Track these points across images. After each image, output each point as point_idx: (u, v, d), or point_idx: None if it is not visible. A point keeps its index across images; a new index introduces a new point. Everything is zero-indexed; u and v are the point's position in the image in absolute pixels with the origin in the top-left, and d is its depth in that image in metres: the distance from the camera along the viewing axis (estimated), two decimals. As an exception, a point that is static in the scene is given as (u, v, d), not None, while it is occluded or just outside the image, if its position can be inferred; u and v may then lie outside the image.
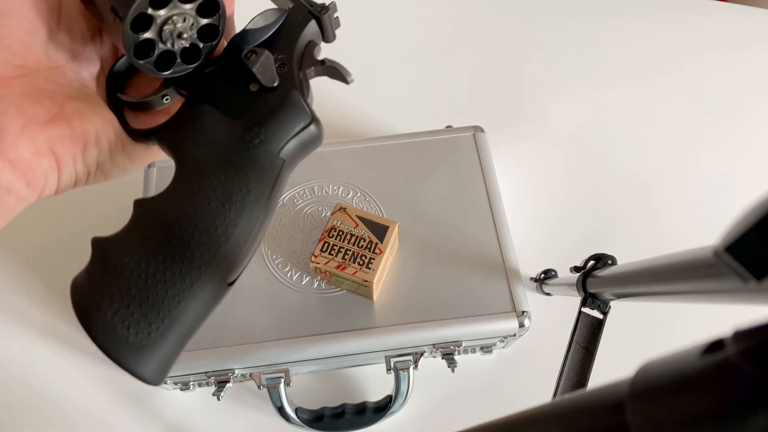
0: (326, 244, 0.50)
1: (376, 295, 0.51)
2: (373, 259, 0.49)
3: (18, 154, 0.23)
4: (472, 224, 0.55)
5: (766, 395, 0.13)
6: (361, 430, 0.52)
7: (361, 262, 0.49)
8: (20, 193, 0.24)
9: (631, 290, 0.38)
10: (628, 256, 0.41)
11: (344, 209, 0.51)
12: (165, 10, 0.24)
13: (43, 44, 0.25)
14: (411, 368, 0.52)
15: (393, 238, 0.50)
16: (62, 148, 0.25)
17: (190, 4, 0.25)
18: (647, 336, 0.56)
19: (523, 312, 0.51)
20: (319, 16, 0.28)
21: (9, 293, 0.61)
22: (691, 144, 0.70)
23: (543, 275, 0.57)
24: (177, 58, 0.26)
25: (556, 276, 0.56)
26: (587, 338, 0.43)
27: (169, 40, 0.25)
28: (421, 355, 0.52)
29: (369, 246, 0.50)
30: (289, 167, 0.27)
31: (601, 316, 0.43)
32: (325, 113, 0.29)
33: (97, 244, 0.25)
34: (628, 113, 0.72)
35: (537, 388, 0.42)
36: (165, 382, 0.52)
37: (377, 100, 0.72)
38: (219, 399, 0.51)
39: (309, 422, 0.52)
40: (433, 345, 0.52)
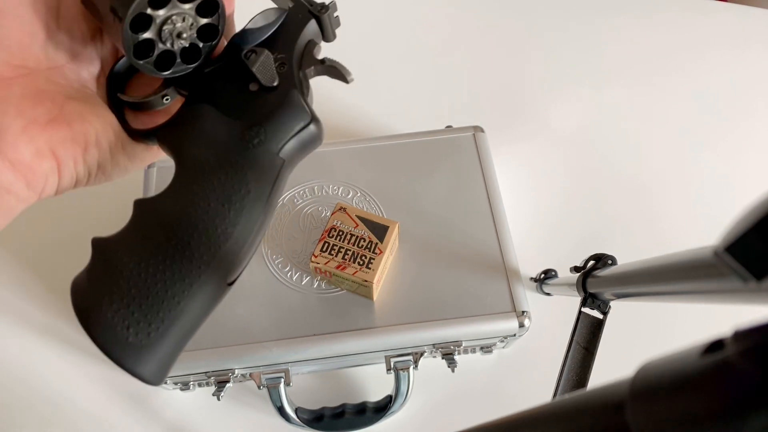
0: (326, 244, 0.50)
1: (376, 295, 0.51)
2: (373, 259, 0.49)
3: (18, 155, 0.23)
4: (472, 224, 0.55)
5: (766, 395, 0.13)
6: (361, 430, 0.52)
7: (361, 262, 0.49)
8: (20, 193, 0.24)
9: (631, 290, 0.38)
10: (628, 256, 0.41)
11: (344, 209, 0.51)
12: (164, 10, 0.24)
13: (43, 44, 0.25)
14: (411, 368, 0.52)
15: (393, 238, 0.50)
16: (63, 150, 0.25)
17: (190, 4, 0.25)
18: (647, 336, 0.56)
19: (523, 312, 0.51)
20: (319, 15, 0.28)
21: (9, 293, 0.61)
22: (691, 144, 0.70)
23: (543, 275, 0.57)
24: (177, 58, 0.26)
25: (556, 276, 0.56)
26: (587, 338, 0.43)
27: (168, 40, 0.25)
28: (421, 355, 0.52)
29: (369, 246, 0.50)
30: (289, 167, 0.27)
31: (601, 316, 0.43)
32: (325, 113, 0.29)
33: (98, 244, 0.25)
34: (628, 113, 0.72)
35: (537, 388, 0.42)
36: (165, 382, 0.52)
37: (377, 100, 0.72)
38: (219, 399, 0.51)
39: (309, 422, 0.52)
40: (433, 345, 0.52)
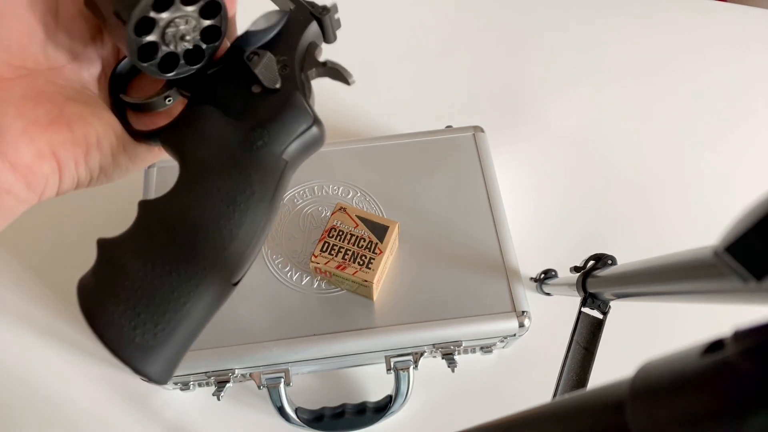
0: (326, 244, 0.50)
1: (376, 295, 0.51)
2: (373, 259, 0.49)
3: (19, 156, 0.23)
4: (472, 224, 0.55)
5: (766, 395, 0.13)
6: (361, 430, 0.52)
7: (361, 262, 0.49)
8: (20, 195, 0.24)
9: (631, 290, 0.38)
10: (628, 256, 0.41)
11: (344, 209, 0.51)
12: (168, 12, 0.24)
13: (42, 45, 0.25)
14: (411, 368, 0.52)
15: (393, 238, 0.50)
16: (63, 152, 0.25)
17: (193, 6, 0.25)
18: (647, 336, 0.56)
19: (523, 312, 0.51)
20: (321, 17, 0.28)
21: (10, 294, 0.61)
22: (691, 144, 0.70)
23: (543, 275, 0.57)
24: (180, 59, 0.26)
25: (556, 276, 0.56)
26: (587, 338, 0.43)
27: (172, 43, 0.25)
28: (421, 355, 0.52)
29: (369, 246, 0.50)
30: (292, 168, 0.27)
31: (601, 316, 0.43)
32: (326, 113, 0.29)
33: (103, 245, 0.25)
34: (628, 113, 0.72)
35: (537, 388, 0.42)
36: (165, 382, 0.52)
37: (377, 100, 0.72)
38: (219, 399, 0.51)
39: (309, 422, 0.52)
40: (433, 345, 0.52)
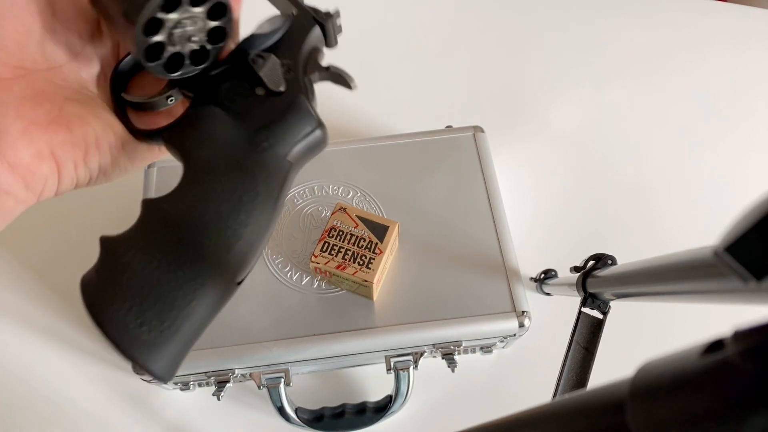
0: (326, 244, 0.50)
1: (376, 295, 0.51)
2: (373, 259, 0.49)
3: (18, 157, 0.23)
4: (472, 224, 0.55)
5: (766, 395, 0.13)
6: (361, 430, 0.52)
7: (361, 262, 0.49)
8: (19, 195, 0.24)
9: (631, 290, 0.38)
10: (628, 256, 0.41)
11: (344, 209, 0.51)
12: (176, 13, 0.25)
13: (40, 44, 0.25)
14: (411, 368, 0.52)
15: (393, 238, 0.50)
16: (62, 153, 0.25)
17: (200, 8, 0.25)
18: (647, 336, 0.56)
19: (523, 312, 0.51)
20: (324, 22, 0.28)
21: (10, 294, 0.61)
22: (691, 144, 0.70)
23: (543, 275, 0.57)
24: (186, 59, 0.26)
25: (556, 276, 0.56)
26: (587, 338, 0.43)
27: (179, 43, 0.26)
28: (421, 355, 0.52)
29: (369, 246, 0.50)
30: (295, 169, 0.27)
31: (601, 316, 0.43)
32: (326, 113, 0.29)
33: (107, 242, 0.25)
34: (628, 113, 0.72)
35: (537, 388, 0.42)
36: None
37: (377, 100, 0.72)
38: (219, 399, 0.51)
39: (309, 422, 0.52)
40: (433, 345, 0.52)
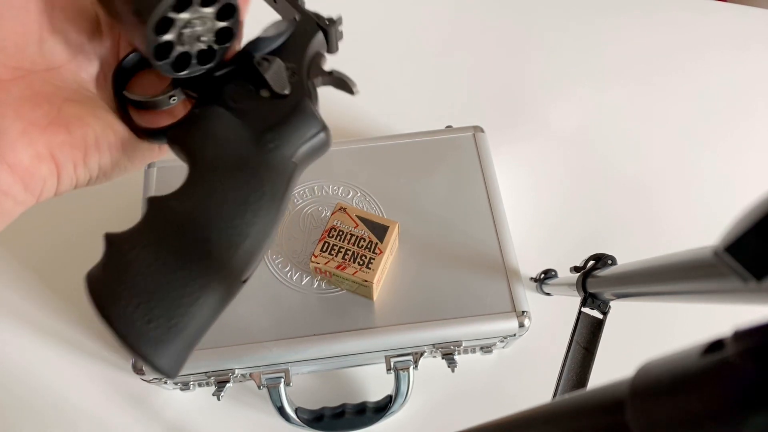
0: (326, 244, 0.50)
1: (376, 295, 0.51)
2: (373, 259, 0.49)
3: (17, 159, 0.23)
4: (472, 224, 0.55)
5: (766, 395, 0.13)
6: (361, 430, 0.52)
7: (361, 262, 0.49)
8: (18, 196, 0.24)
9: (631, 290, 0.38)
10: (628, 256, 0.41)
11: (344, 209, 0.51)
12: (186, 13, 0.25)
13: (38, 45, 0.25)
14: (411, 368, 0.52)
15: (393, 238, 0.50)
16: (62, 154, 0.25)
17: (210, 8, 0.26)
18: (647, 336, 0.56)
19: (523, 312, 0.51)
20: (327, 28, 0.29)
21: (10, 294, 0.61)
22: (691, 144, 0.70)
23: (543, 275, 0.57)
24: (193, 59, 0.27)
25: (556, 276, 0.56)
26: (587, 338, 0.43)
27: (188, 43, 0.26)
28: (421, 355, 0.52)
29: (369, 246, 0.50)
30: (300, 170, 0.28)
31: (601, 316, 0.43)
32: (325, 113, 0.29)
33: (112, 240, 0.25)
34: (628, 113, 0.72)
35: (537, 388, 0.42)
36: (165, 382, 0.52)
37: (377, 100, 0.72)
38: (219, 399, 0.51)
39: (309, 422, 0.52)
40: (433, 345, 0.52)
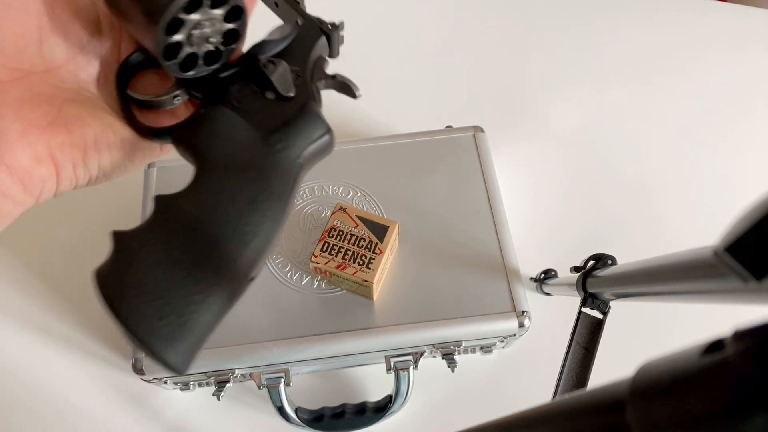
0: (326, 244, 0.50)
1: (376, 295, 0.51)
2: (373, 259, 0.49)
3: (16, 160, 0.23)
4: (472, 224, 0.55)
5: (766, 395, 0.13)
6: (361, 430, 0.52)
7: (361, 262, 0.49)
8: (17, 197, 0.24)
9: (631, 290, 0.38)
10: (628, 256, 0.41)
11: (344, 209, 0.51)
12: (197, 14, 0.25)
13: (38, 46, 0.25)
14: (411, 368, 0.52)
15: (393, 238, 0.50)
16: (61, 155, 0.25)
17: (220, 10, 0.26)
18: (647, 336, 0.56)
19: (523, 312, 0.51)
20: (330, 33, 0.29)
21: (9, 293, 0.61)
22: (691, 144, 0.70)
23: (543, 275, 0.57)
24: (199, 60, 0.27)
25: (556, 276, 0.56)
26: (587, 338, 0.43)
27: (196, 44, 0.26)
28: (421, 355, 0.52)
29: (369, 246, 0.50)
30: (304, 171, 0.28)
31: (601, 316, 0.43)
32: (326, 113, 0.29)
33: (121, 237, 0.25)
34: (628, 113, 0.72)
35: (537, 388, 0.42)
36: (165, 382, 0.52)
37: (377, 100, 0.72)
38: (219, 399, 0.51)
39: (309, 422, 0.52)
40: (433, 345, 0.52)
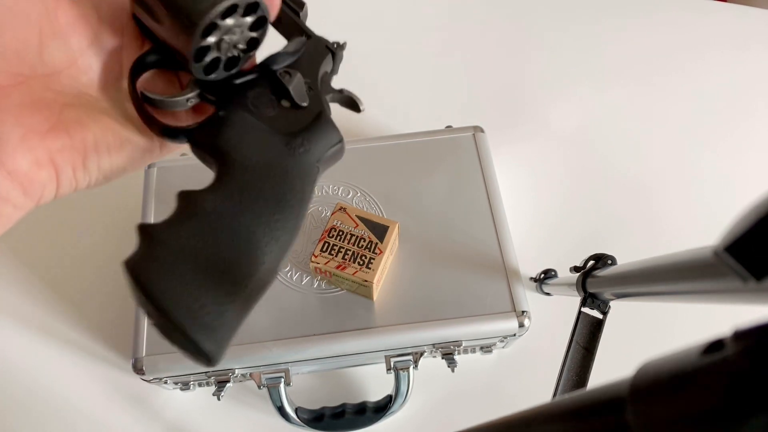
0: (326, 244, 0.50)
1: (376, 295, 0.51)
2: (373, 259, 0.49)
3: (16, 165, 0.23)
4: (472, 224, 0.55)
5: (766, 395, 0.13)
6: (361, 430, 0.52)
7: (361, 262, 0.49)
8: (17, 201, 0.24)
9: (631, 290, 0.38)
10: (628, 256, 0.41)
11: (344, 209, 0.51)
12: (230, 20, 0.26)
13: (38, 51, 0.25)
14: (411, 368, 0.52)
15: (393, 238, 0.50)
16: (61, 158, 0.25)
17: (249, 18, 0.27)
18: (647, 336, 0.56)
19: (523, 312, 0.51)
20: (335, 52, 0.31)
21: (10, 294, 0.61)
22: (691, 144, 0.70)
23: (543, 275, 0.57)
24: (221, 64, 0.28)
25: (556, 276, 0.56)
26: (587, 338, 0.43)
27: (223, 49, 0.27)
28: (421, 355, 0.52)
29: (369, 246, 0.50)
30: (321, 175, 0.30)
31: (600, 316, 0.43)
32: (326, 113, 0.30)
33: (150, 228, 0.25)
34: (628, 113, 0.72)
35: (537, 388, 0.42)
36: (165, 382, 0.52)
37: (377, 100, 0.72)
38: (219, 399, 0.51)
39: (309, 422, 0.52)
40: (433, 345, 0.52)
